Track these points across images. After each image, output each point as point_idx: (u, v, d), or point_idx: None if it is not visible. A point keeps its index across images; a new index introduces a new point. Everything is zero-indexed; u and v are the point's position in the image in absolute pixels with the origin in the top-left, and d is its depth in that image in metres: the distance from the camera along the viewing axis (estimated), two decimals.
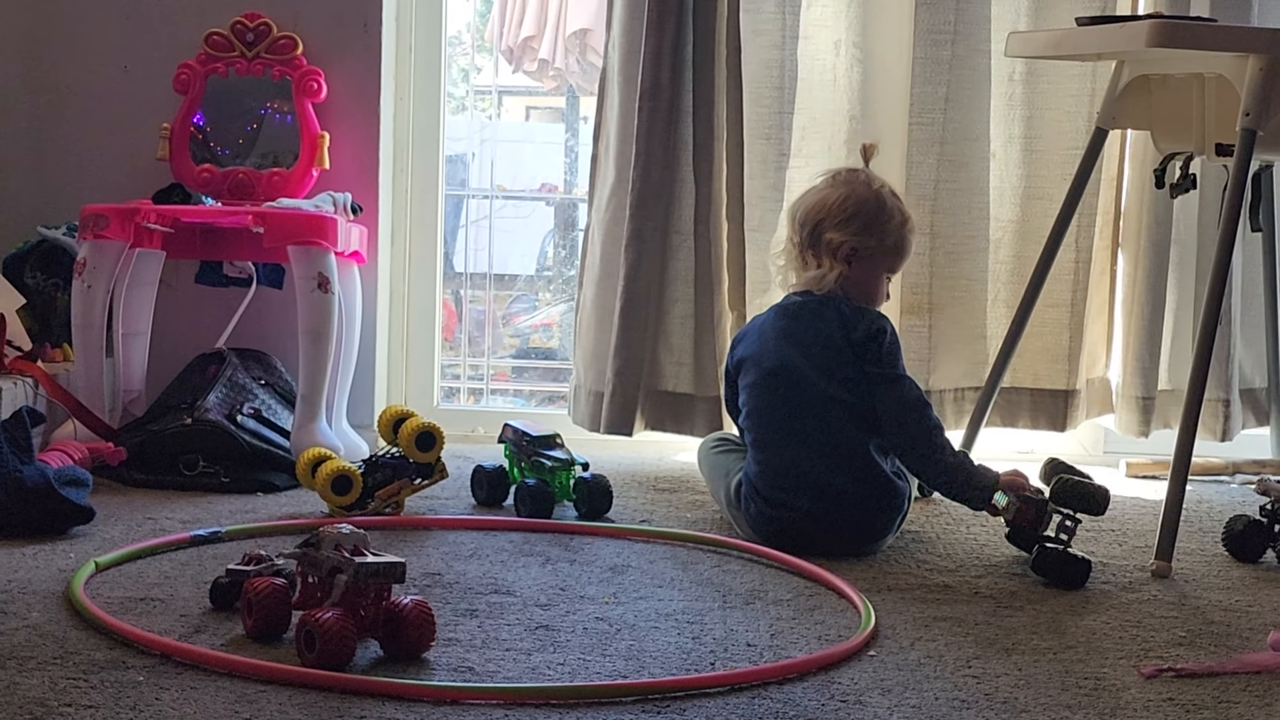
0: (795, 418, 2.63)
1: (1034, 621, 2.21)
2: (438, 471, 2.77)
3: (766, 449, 2.65)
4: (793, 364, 2.65)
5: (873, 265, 2.72)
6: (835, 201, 2.71)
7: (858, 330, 2.64)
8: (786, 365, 2.66)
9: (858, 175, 2.76)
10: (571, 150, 5.22)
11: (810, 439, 2.61)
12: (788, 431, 2.63)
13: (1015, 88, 3.31)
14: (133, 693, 1.77)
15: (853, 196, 2.71)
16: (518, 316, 5.12)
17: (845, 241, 2.69)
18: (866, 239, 2.70)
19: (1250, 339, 3.42)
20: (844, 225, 2.70)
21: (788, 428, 2.63)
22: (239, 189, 3.27)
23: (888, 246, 2.71)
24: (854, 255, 2.70)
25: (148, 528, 2.57)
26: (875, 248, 2.70)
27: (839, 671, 1.96)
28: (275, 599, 1.98)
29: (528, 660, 1.95)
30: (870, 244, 2.70)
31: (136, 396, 3.18)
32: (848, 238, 2.69)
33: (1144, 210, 3.32)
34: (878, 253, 2.71)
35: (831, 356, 2.63)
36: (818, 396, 2.62)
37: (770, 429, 2.65)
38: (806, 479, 2.59)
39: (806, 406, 2.62)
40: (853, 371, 2.63)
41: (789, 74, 3.31)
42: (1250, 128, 2.60)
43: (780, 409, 2.65)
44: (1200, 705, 1.87)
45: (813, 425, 2.61)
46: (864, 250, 2.70)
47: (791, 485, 2.60)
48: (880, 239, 2.70)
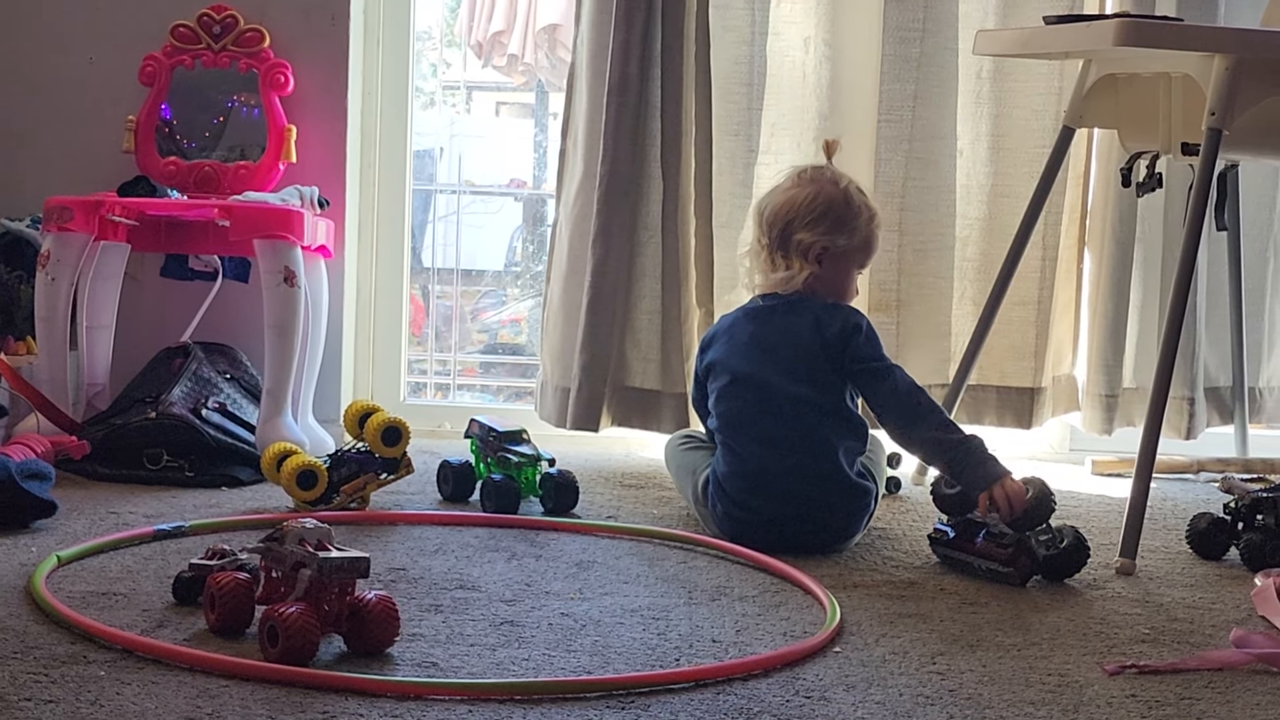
0: (764, 423, 2.62)
1: (998, 618, 2.22)
2: (403, 467, 2.76)
3: (735, 453, 2.64)
4: (763, 369, 2.64)
5: (843, 263, 2.71)
6: (803, 201, 2.70)
7: (833, 328, 2.64)
8: (756, 371, 2.65)
9: (823, 173, 2.75)
10: (540, 146, 5.22)
11: (779, 444, 2.60)
12: (756, 437, 2.62)
13: (983, 85, 3.32)
14: (94, 687, 1.75)
15: (821, 195, 2.70)
16: (486, 312, 5.11)
17: (816, 241, 2.68)
18: (837, 238, 2.69)
19: (1215, 338, 3.43)
20: (814, 225, 2.69)
21: (756, 433, 2.62)
22: (205, 182, 3.26)
23: (857, 244, 2.71)
24: (825, 254, 2.69)
25: (111, 522, 2.55)
26: (845, 246, 2.70)
27: (804, 668, 1.96)
28: (238, 594, 1.97)
29: (492, 656, 1.95)
30: (840, 242, 2.69)
31: (100, 390, 3.16)
32: (818, 237, 2.68)
33: (1109, 208, 3.33)
34: (848, 250, 2.71)
35: (803, 357, 2.63)
36: (787, 400, 2.61)
37: (739, 433, 2.64)
38: (774, 484, 2.59)
39: (776, 412, 2.62)
40: (825, 371, 2.63)
41: (758, 70, 3.31)
42: (1216, 127, 2.61)
43: (749, 414, 2.64)
44: (1163, 702, 1.88)
45: (782, 431, 2.61)
46: (835, 249, 2.69)
47: (759, 489, 2.59)
48: (850, 237, 2.70)
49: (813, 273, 2.69)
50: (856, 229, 2.70)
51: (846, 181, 2.74)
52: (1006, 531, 2.44)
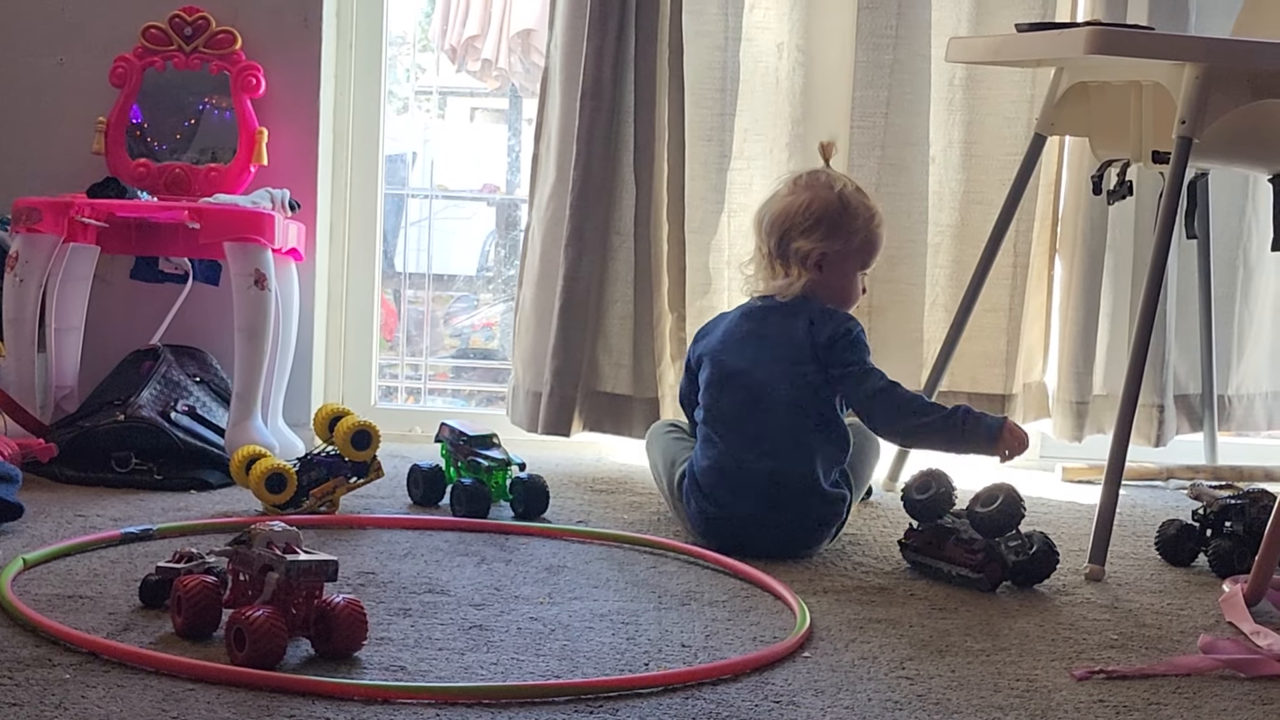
0: (748, 421, 2.63)
1: (967, 624, 2.22)
2: (373, 470, 2.75)
3: (715, 448, 2.64)
4: (754, 368, 2.64)
5: (844, 266, 2.72)
6: (799, 208, 2.71)
7: (824, 332, 2.64)
8: (747, 369, 2.65)
9: (818, 177, 2.75)
10: (514, 150, 5.21)
11: (758, 442, 2.60)
12: (738, 434, 2.63)
13: (955, 93, 3.32)
14: (58, 690, 1.74)
15: (816, 201, 2.70)
16: (458, 317, 5.10)
17: (814, 249, 2.69)
18: (834, 243, 2.69)
19: (1185, 345, 3.45)
20: (810, 232, 2.69)
21: (739, 431, 2.63)
22: (175, 184, 3.25)
23: (856, 246, 2.71)
24: (824, 260, 2.70)
25: (78, 525, 2.54)
26: (843, 249, 2.70)
27: (773, 672, 1.95)
28: (205, 597, 1.96)
29: (460, 660, 1.94)
30: (838, 247, 2.70)
31: (69, 392, 3.14)
32: (815, 244, 2.69)
33: (1081, 216, 3.35)
34: (846, 253, 2.71)
35: (794, 359, 2.63)
36: (774, 401, 2.62)
37: (722, 428, 2.65)
38: (749, 483, 2.59)
39: (761, 411, 2.62)
40: (813, 376, 2.63)
41: (731, 76, 3.31)
42: (1186, 136, 2.62)
43: (734, 411, 2.64)
44: (1130, 707, 1.88)
45: (764, 431, 2.61)
46: (833, 254, 2.70)
47: (734, 487, 2.60)
48: (847, 240, 2.70)
49: (813, 279, 2.70)
50: (855, 231, 2.70)
51: (842, 184, 2.74)
52: (976, 537, 2.44)
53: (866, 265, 2.76)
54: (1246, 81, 2.64)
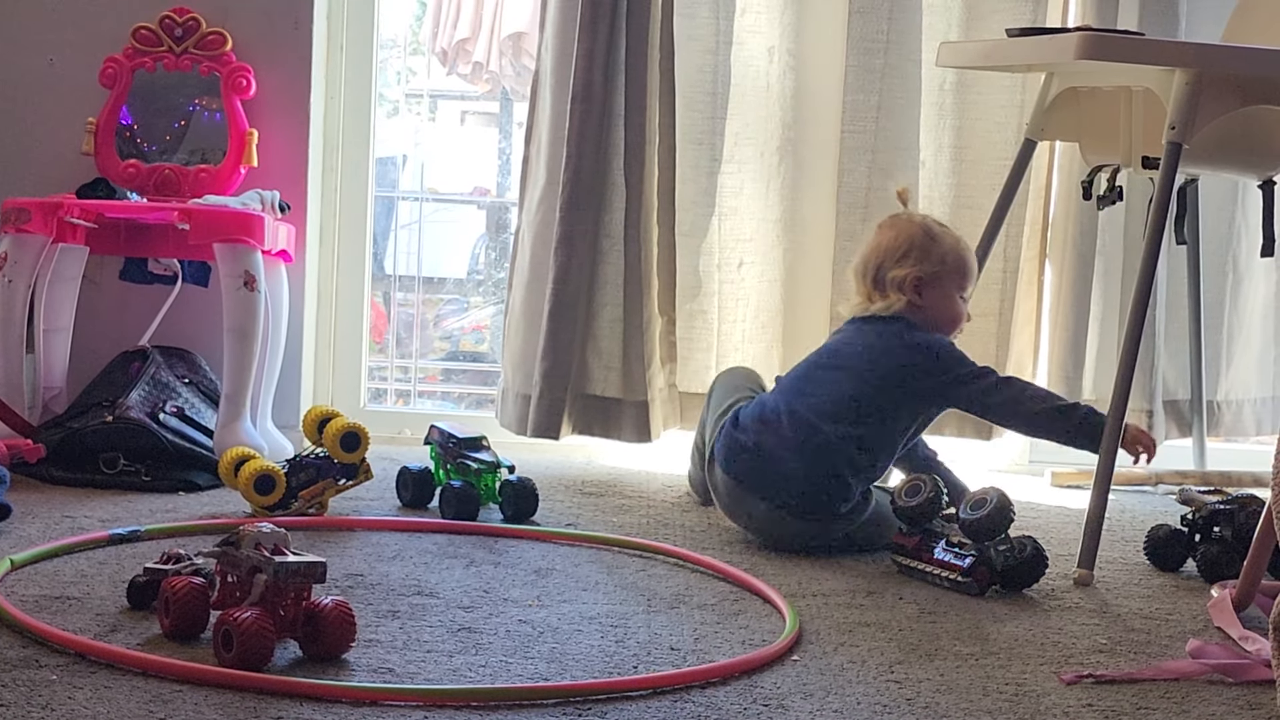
0: (812, 379, 2.73)
1: (956, 628, 2.22)
2: (362, 472, 2.75)
3: (771, 394, 2.78)
4: (843, 353, 2.74)
5: (942, 288, 2.78)
6: (887, 243, 2.81)
7: (916, 354, 2.70)
8: (839, 350, 2.75)
9: (899, 216, 2.86)
10: (504, 153, 5.21)
11: (811, 398, 2.69)
12: (798, 386, 2.73)
13: (946, 97, 3.33)
14: (45, 691, 1.74)
15: (902, 234, 2.80)
16: (448, 319, 5.10)
17: (908, 274, 2.76)
18: (927, 265, 2.77)
19: (1174, 351, 3.45)
20: (903, 260, 2.78)
21: (800, 382, 2.74)
22: (165, 185, 3.24)
23: (950, 266, 2.79)
24: (921, 283, 2.77)
25: (66, 526, 2.53)
26: (938, 271, 2.77)
27: (762, 676, 1.95)
28: (193, 598, 1.95)
29: (449, 662, 1.94)
30: (932, 268, 2.77)
31: (57, 393, 3.14)
32: (909, 269, 2.76)
33: (1071, 221, 3.35)
34: (943, 275, 2.78)
35: (873, 361, 2.70)
36: (843, 376, 2.69)
37: (787, 380, 2.78)
38: (786, 427, 2.67)
39: (828, 374, 2.71)
40: (877, 392, 2.68)
41: (722, 79, 3.31)
42: (1175, 141, 2.62)
43: (804, 368, 2.78)
44: (1119, 711, 1.88)
45: (822, 392, 2.69)
46: (929, 276, 2.77)
47: (772, 426, 2.68)
48: (940, 262, 2.78)
49: (913, 302, 2.76)
50: (945, 254, 2.78)
51: (922, 218, 2.85)
52: (965, 541, 2.44)
53: (964, 288, 2.82)
54: (1236, 87, 2.65)
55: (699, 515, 2.89)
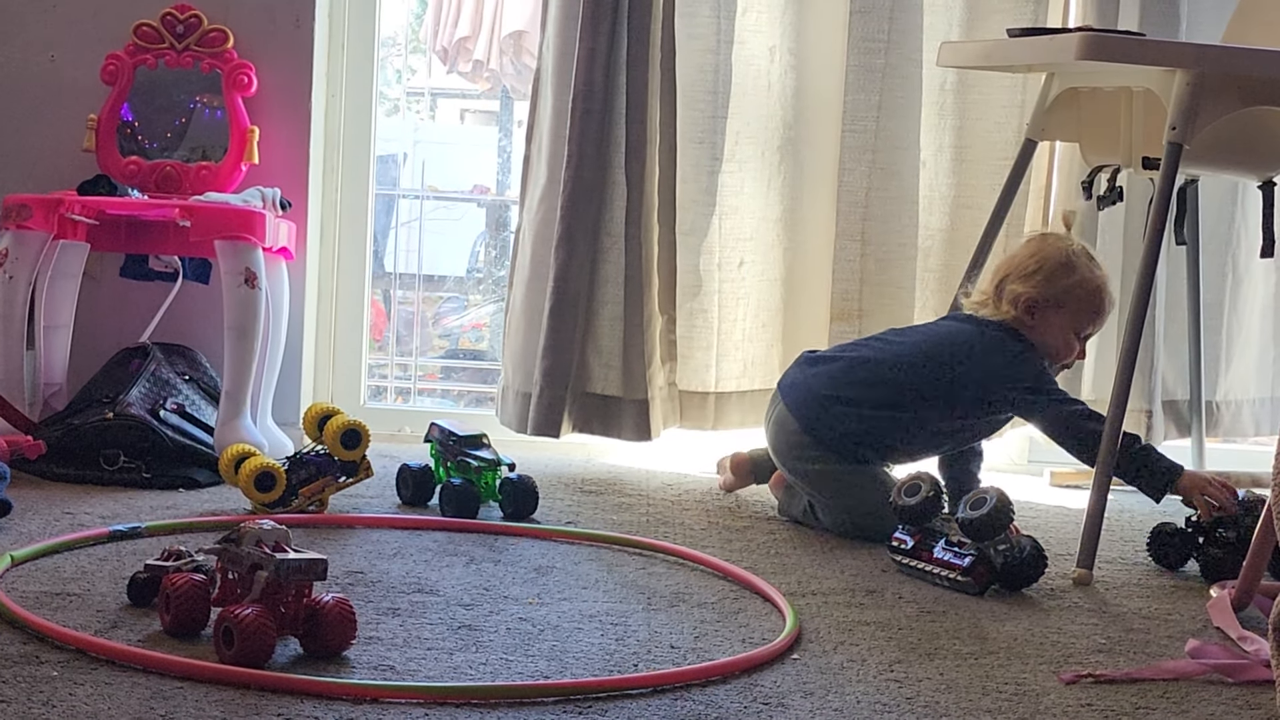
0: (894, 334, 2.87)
1: (956, 627, 2.22)
2: (362, 470, 2.75)
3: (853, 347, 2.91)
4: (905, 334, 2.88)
5: (1055, 319, 2.78)
6: (1024, 255, 2.82)
7: (1007, 370, 2.74)
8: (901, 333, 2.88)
9: (1049, 236, 2.85)
10: (505, 152, 5.21)
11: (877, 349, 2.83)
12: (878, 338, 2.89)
13: (947, 97, 3.33)
14: (46, 688, 1.74)
15: (1040, 252, 2.80)
16: (447, 318, 5.11)
17: (1025, 292, 2.77)
18: (1048, 290, 2.77)
19: (1173, 351, 3.46)
20: (1028, 277, 2.79)
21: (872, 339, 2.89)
22: (166, 182, 3.24)
23: (1073, 301, 2.77)
24: (1034, 305, 2.77)
25: (66, 522, 2.53)
26: (1056, 300, 2.76)
27: (762, 674, 1.95)
28: (194, 595, 1.96)
29: (449, 660, 1.94)
30: (1052, 295, 2.76)
31: (57, 390, 3.14)
32: (1028, 288, 2.78)
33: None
34: (1059, 306, 2.77)
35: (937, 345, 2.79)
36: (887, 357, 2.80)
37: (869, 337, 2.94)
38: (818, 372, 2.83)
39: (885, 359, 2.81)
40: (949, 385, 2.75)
41: (723, 79, 3.31)
42: (1176, 141, 2.62)
43: (886, 335, 2.91)
44: (1118, 711, 1.89)
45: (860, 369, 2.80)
46: (1043, 302, 2.77)
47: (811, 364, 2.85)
48: (1065, 292, 2.76)
49: (1020, 320, 2.77)
50: (1072, 287, 2.76)
51: (1073, 244, 2.81)
52: (965, 541, 2.45)
53: (1081, 328, 2.79)
54: (1236, 88, 2.65)
55: (699, 513, 2.89)
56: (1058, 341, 2.79)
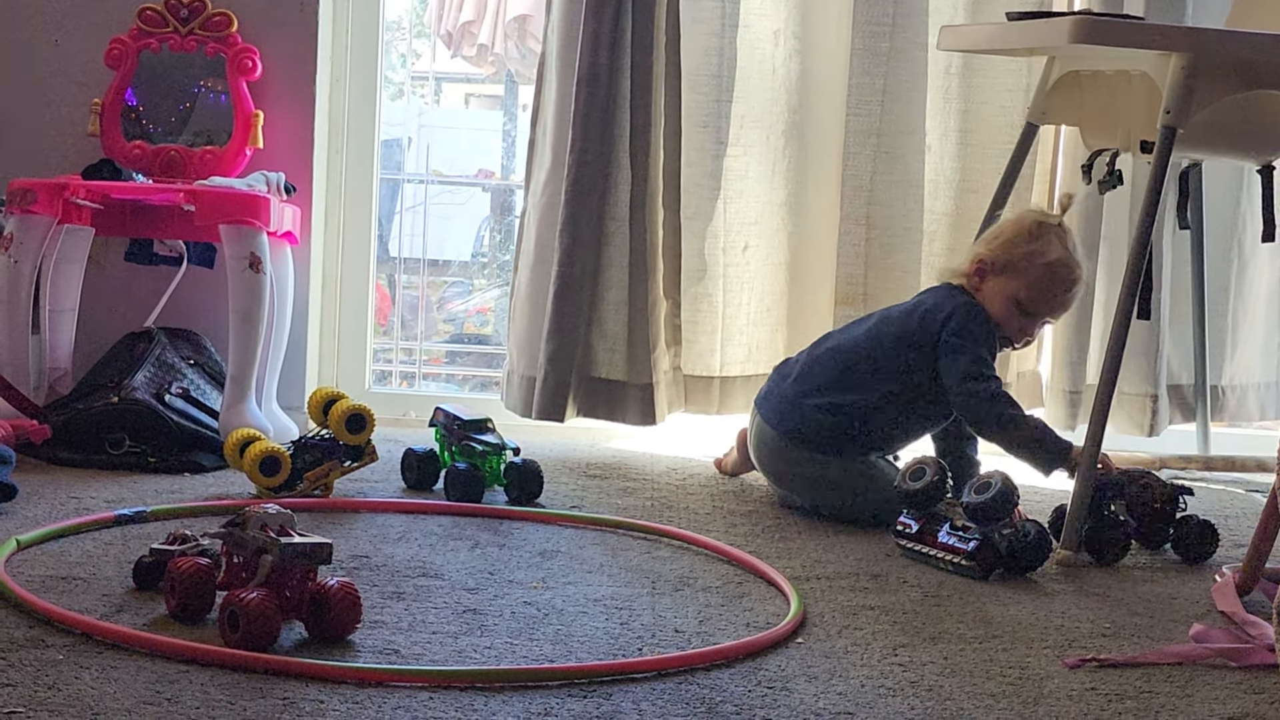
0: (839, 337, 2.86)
1: (960, 611, 2.23)
2: (367, 454, 2.75)
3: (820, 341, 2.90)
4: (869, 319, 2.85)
5: (1001, 288, 2.74)
6: (996, 226, 2.81)
7: (942, 309, 2.72)
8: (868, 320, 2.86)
9: (1037, 210, 2.82)
10: (509, 136, 5.21)
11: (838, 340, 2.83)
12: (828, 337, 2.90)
13: (952, 81, 3.33)
14: (52, 671, 1.74)
15: (1013, 222, 2.78)
16: (453, 302, 5.11)
17: (979, 253, 2.76)
18: (1002, 255, 2.73)
19: (1178, 336, 3.45)
20: (989, 240, 2.78)
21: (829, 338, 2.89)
22: (171, 166, 3.24)
23: (1025, 272, 2.72)
24: (984, 267, 2.74)
25: (71, 506, 2.54)
26: (1011, 266, 2.73)
27: (766, 658, 1.96)
28: (199, 579, 1.96)
29: (454, 643, 1.95)
30: (1004, 259, 2.73)
31: (63, 374, 3.14)
32: (982, 249, 2.76)
33: (1075, 206, 3.33)
34: (1008, 274, 2.73)
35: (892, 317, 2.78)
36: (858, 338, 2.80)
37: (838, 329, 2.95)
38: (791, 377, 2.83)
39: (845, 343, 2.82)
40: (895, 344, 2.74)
41: (728, 62, 3.31)
42: (1170, 125, 2.61)
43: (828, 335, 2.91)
44: (1122, 695, 1.89)
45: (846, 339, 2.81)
46: (993, 267, 2.74)
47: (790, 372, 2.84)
48: (1021, 259, 2.72)
49: (972, 285, 2.75)
50: (1030, 256, 2.72)
51: (1051, 220, 2.76)
52: (969, 525, 2.45)
53: (1024, 301, 2.73)
54: (1233, 72, 2.64)
55: (703, 498, 2.90)
56: (998, 309, 2.73)
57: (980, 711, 1.80)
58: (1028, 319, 2.75)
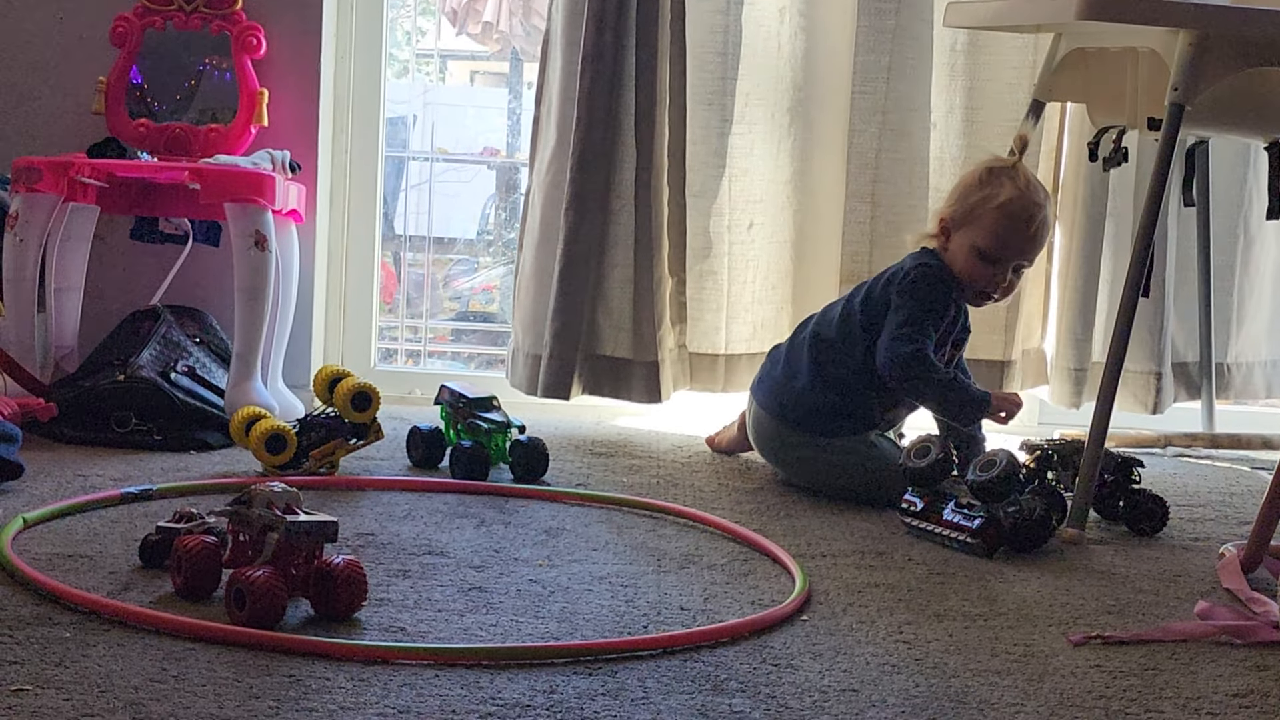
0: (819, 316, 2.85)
1: (965, 589, 2.23)
2: (373, 432, 2.76)
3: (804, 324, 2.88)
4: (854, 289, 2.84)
5: (961, 240, 2.71)
6: (957, 180, 2.81)
7: (899, 272, 2.73)
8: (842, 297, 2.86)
9: (988, 159, 2.80)
10: (514, 114, 5.20)
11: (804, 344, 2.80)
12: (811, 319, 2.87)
13: (957, 58, 3.32)
14: (59, 649, 1.75)
15: (969, 173, 2.76)
16: (458, 280, 5.10)
17: (940, 212, 2.75)
18: (956, 208, 2.71)
19: (1183, 313, 3.45)
20: (949, 198, 2.76)
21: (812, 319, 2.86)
22: (176, 144, 3.24)
23: (978, 218, 2.68)
24: (946, 227, 2.73)
25: (78, 484, 2.54)
26: (961, 218, 2.70)
27: (771, 636, 1.96)
28: (205, 557, 1.96)
29: (460, 621, 1.95)
30: (958, 213, 2.71)
31: (69, 352, 3.14)
32: (942, 208, 2.75)
33: (1081, 183, 3.34)
34: (964, 224, 2.70)
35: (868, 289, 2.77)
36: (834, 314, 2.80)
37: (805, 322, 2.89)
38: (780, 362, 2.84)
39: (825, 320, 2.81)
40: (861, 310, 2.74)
41: (733, 40, 3.30)
42: (1178, 102, 2.61)
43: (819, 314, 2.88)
44: (1127, 672, 1.89)
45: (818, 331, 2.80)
46: (951, 221, 2.72)
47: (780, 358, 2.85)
48: (969, 211, 2.69)
49: (940, 242, 2.73)
50: (975, 204, 2.69)
51: (999, 164, 2.73)
52: (974, 503, 2.45)
53: (983, 248, 2.68)
54: (1241, 48, 2.63)
55: (708, 475, 2.90)
56: (962, 264, 2.70)
57: (985, 689, 1.80)
58: (994, 266, 2.70)
